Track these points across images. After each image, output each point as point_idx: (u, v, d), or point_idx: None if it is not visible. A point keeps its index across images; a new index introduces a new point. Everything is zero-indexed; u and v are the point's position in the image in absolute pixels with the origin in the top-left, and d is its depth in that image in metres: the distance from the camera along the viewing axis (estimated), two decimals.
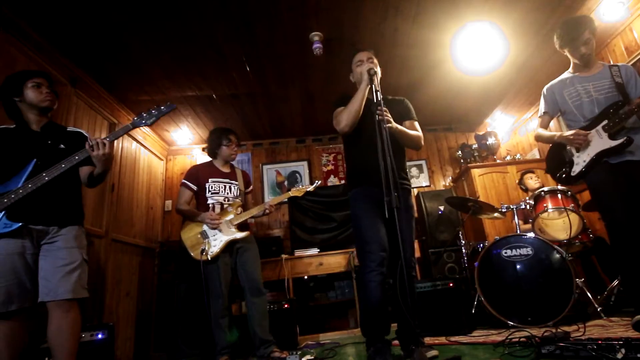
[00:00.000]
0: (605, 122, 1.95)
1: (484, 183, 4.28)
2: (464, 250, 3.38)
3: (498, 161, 4.65)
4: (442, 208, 4.10)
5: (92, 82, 3.30)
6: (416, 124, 2.17)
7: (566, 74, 2.24)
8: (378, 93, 1.84)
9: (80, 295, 1.74)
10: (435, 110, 4.65)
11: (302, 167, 4.86)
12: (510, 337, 1.95)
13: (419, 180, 4.91)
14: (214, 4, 2.67)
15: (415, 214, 4.50)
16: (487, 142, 4.78)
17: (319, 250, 3.87)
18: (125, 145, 3.82)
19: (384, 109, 1.80)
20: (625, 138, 1.86)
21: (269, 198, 4.66)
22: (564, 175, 2.12)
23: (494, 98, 4.44)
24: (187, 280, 3.50)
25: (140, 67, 3.26)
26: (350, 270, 3.77)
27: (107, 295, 3.27)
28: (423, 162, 4.99)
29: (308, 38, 3.13)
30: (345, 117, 1.99)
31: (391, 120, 1.89)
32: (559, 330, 2.02)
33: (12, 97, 1.83)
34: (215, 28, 2.91)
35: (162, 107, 1.95)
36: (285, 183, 4.78)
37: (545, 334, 1.77)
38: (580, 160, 2.03)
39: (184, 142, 4.71)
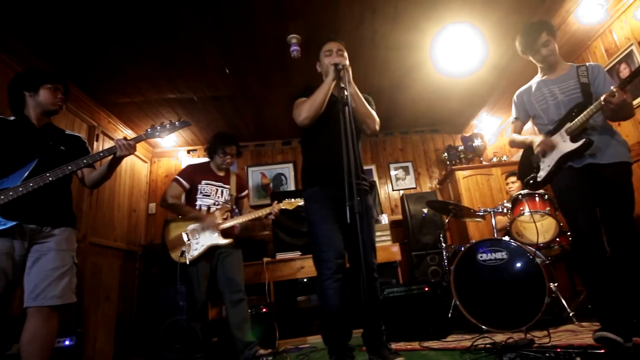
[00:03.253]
0: (568, 124, 1.92)
1: (468, 185, 4.27)
2: (444, 253, 3.36)
3: (485, 163, 4.63)
4: (425, 210, 4.08)
5: (71, 86, 3.26)
6: (374, 112, 2.08)
7: (535, 79, 2.22)
8: (345, 90, 1.72)
9: (69, 300, 1.72)
10: (420, 111, 4.64)
11: (288, 169, 4.83)
12: (475, 343, 1.93)
13: (405, 182, 4.89)
14: (188, 7, 2.65)
15: (400, 216, 4.50)
16: (474, 144, 4.76)
17: (300, 253, 3.85)
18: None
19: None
20: (584, 140, 1.83)
21: (254, 201, 4.66)
22: (531, 181, 2.10)
23: (479, 100, 4.42)
24: (170, 283, 3.48)
25: (118, 69, 3.24)
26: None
27: (85, 299, 3.24)
28: (409, 164, 4.97)
29: (286, 41, 3.11)
30: (306, 108, 1.91)
31: (351, 80, 1.82)
32: (527, 335, 2.01)
33: (23, 90, 1.84)
34: (191, 31, 2.89)
35: (176, 123, 2.01)
36: (271, 185, 4.76)
37: (509, 340, 1.76)
38: (545, 166, 2.01)
39: (168, 144, 4.69)
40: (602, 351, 1.41)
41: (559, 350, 1.49)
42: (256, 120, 4.45)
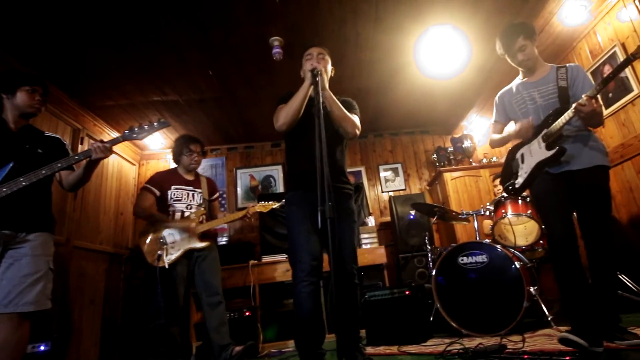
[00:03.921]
0: (544, 131, 1.91)
1: (456, 187, 4.25)
2: (429, 256, 3.34)
3: (474, 164, 4.61)
4: (413, 213, 4.06)
5: (53, 89, 3.24)
6: (355, 116, 2.07)
7: (516, 80, 2.20)
8: (319, 95, 1.70)
9: (43, 306, 1.71)
10: (408, 112, 4.62)
11: (277, 171, 4.82)
12: (449, 348, 1.91)
13: (395, 184, 4.88)
14: (168, 10, 2.64)
15: (389, 218, 4.48)
16: (463, 145, 4.74)
17: (287, 256, 3.82)
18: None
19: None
20: (557, 148, 1.82)
21: (242, 203, 4.65)
22: (510, 187, 2.09)
23: (467, 101, 4.41)
24: (154, 287, 3.47)
25: (101, 73, 3.23)
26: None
27: (69, 303, 3.23)
28: (399, 166, 4.95)
29: (268, 43, 3.10)
30: (283, 115, 1.92)
31: (325, 86, 1.89)
32: (503, 340, 1.99)
33: (0, 92, 1.83)
34: (173, 34, 2.89)
35: (155, 124, 1.98)
36: (259, 187, 4.74)
37: (479, 346, 1.74)
38: (523, 172, 2.00)
39: (157, 146, 4.67)
40: (567, 358, 1.40)
41: (526, 357, 1.48)
42: (244, 122, 4.43)
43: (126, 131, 1.94)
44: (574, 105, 1.71)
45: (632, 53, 1.57)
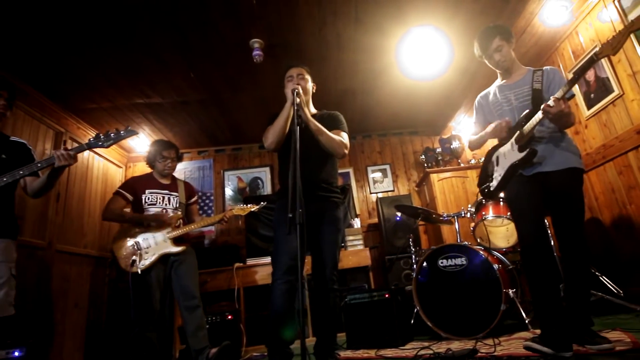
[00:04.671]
0: (517, 133, 1.90)
1: (443, 188, 4.24)
2: (413, 258, 3.33)
3: (462, 165, 4.60)
4: (399, 214, 4.04)
5: (32, 92, 3.23)
6: (343, 134, 2.17)
7: (495, 83, 2.20)
8: (295, 112, 1.86)
9: (5, 313, 1.72)
10: (395, 113, 4.60)
11: (264, 173, 4.80)
12: (420, 353, 1.90)
13: (383, 185, 4.86)
14: (146, 13, 2.62)
15: (376, 220, 4.47)
16: (452, 146, 4.73)
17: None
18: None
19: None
20: (528, 149, 1.81)
21: (229, 205, 4.63)
22: (486, 190, 2.08)
23: (454, 102, 4.40)
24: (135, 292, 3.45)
25: (82, 76, 3.21)
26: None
27: (51, 307, 3.21)
28: (387, 167, 4.94)
29: (249, 45, 3.08)
30: (270, 134, 2.05)
31: (309, 117, 1.99)
32: (478, 344, 1.98)
33: None
34: (151, 37, 2.87)
35: (122, 132, 1.97)
36: (247, 189, 4.73)
37: (448, 352, 1.73)
38: (497, 175, 1.99)
39: (143, 148, 4.62)
40: None
41: None
42: (230, 124, 4.42)
43: (91, 139, 1.92)
44: (542, 107, 1.70)
45: (595, 53, 1.57)
